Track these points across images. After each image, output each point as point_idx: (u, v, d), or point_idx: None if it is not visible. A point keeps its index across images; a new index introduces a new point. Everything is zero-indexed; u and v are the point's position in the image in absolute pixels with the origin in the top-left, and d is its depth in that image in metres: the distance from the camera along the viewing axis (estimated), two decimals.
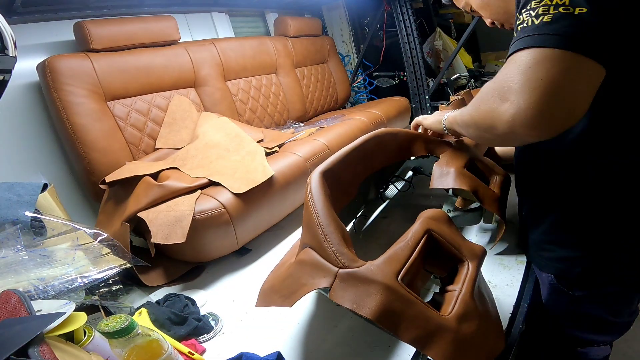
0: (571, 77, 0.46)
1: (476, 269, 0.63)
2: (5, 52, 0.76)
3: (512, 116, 0.49)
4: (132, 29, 1.58)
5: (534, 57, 0.48)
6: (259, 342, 0.83)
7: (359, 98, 3.10)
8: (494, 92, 0.53)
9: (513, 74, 0.49)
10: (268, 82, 2.18)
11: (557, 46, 0.46)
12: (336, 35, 3.01)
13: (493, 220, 1.05)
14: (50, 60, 1.34)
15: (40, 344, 0.51)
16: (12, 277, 0.76)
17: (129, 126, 1.51)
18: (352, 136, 1.76)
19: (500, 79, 0.52)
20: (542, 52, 0.47)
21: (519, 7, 0.53)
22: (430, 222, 0.65)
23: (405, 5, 2.46)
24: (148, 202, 1.13)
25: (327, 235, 0.61)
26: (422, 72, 2.55)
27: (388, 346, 0.75)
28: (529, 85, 0.47)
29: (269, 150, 1.50)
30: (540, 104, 0.47)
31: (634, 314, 0.75)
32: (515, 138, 0.53)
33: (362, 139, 0.89)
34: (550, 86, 0.46)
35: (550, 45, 0.46)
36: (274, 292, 0.69)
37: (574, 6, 0.46)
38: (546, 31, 0.47)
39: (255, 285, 0.80)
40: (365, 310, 0.53)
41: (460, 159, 0.92)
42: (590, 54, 0.46)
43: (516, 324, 0.75)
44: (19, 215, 0.91)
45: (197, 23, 2.14)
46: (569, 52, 0.46)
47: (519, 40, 0.50)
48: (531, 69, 0.47)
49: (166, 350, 0.59)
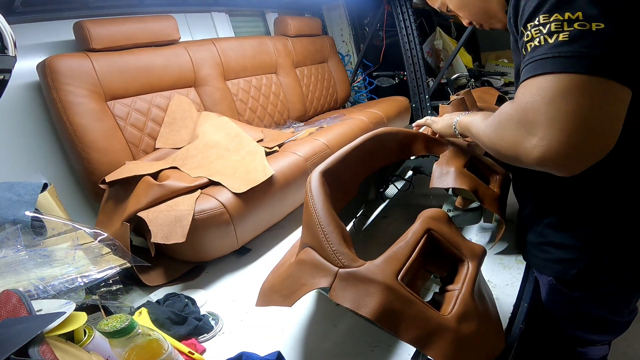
0: (602, 106, 0.42)
1: (476, 269, 0.63)
2: (5, 51, 0.76)
3: (543, 154, 0.45)
4: (132, 28, 1.58)
5: (559, 86, 0.43)
6: (259, 342, 0.83)
7: (359, 98, 3.10)
8: (518, 122, 0.48)
9: (538, 105, 0.45)
10: (268, 82, 2.18)
11: (583, 72, 0.42)
12: (336, 35, 3.01)
13: (493, 219, 1.05)
14: (50, 60, 1.34)
15: (41, 343, 0.51)
16: (12, 276, 0.76)
17: (129, 126, 1.51)
18: (352, 136, 1.76)
19: (523, 107, 0.47)
20: (567, 78, 0.43)
21: (522, 19, 0.49)
22: (430, 221, 0.65)
23: (405, 5, 2.46)
24: (148, 201, 1.13)
25: (327, 235, 0.61)
26: (422, 71, 2.55)
27: (388, 346, 0.75)
28: (559, 119, 0.43)
29: (269, 150, 1.50)
30: (574, 141, 0.43)
31: (633, 313, 0.75)
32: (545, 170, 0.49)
33: (362, 138, 0.89)
34: (582, 119, 0.42)
35: (575, 71, 0.42)
36: (274, 292, 0.69)
37: (590, 21, 0.42)
38: (566, 53, 0.43)
39: (255, 285, 0.80)
40: (365, 310, 0.53)
41: (460, 158, 0.92)
42: (618, 78, 0.42)
43: (516, 323, 0.75)
44: (19, 215, 0.91)
45: (197, 23, 2.14)
46: (597, 78, 0.41)
47: (535, 63, 0.46)
48: (558, 100, 0.43)
49: (166, 349, 0.59)
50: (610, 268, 0.64)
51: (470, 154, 0.95)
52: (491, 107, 1.36)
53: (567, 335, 0.80)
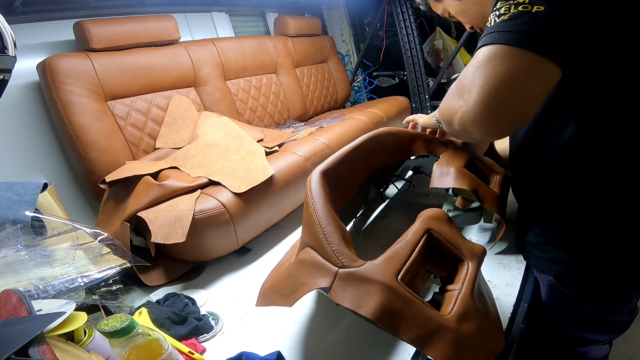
0: (521, 76, 0.45)
1: (476, 269, 0.63)
2: (5, 51, 0.76)
3: (463, 113, 0.49)
4: (132, 28, 1.58)
5: (486, 54, 0.47)
6: (259, 342, 0.83)
7: (359, 97, 3.10)
8: (455, 88, 0.54)
9: (468, 71, 0.49)
10: (268, 82, 2.18)
11: (509, 43, 0.45)
12: (336, 35, 3.01)
13: (493, 219, 1.05)
14: (50, 60, 1.34)
15: (41, 343, 0.51)
16: (12, 276, 0.76)
17: (129, 126, 1.51)
18: (352, 136, 1.76)
19: (460, 77, 0.52)
20: (495, 49, 0.46)
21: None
22: (430, 221, 0.65)
23: (405, 5, 2.46)
24: (148, 201, 1.13)
25: (327, 235, 0.61)
26: (422, 71, 2.55)
27: (388, 346, 0.75)
28: (479, 82, 0.46)
29: (269, 150, 1.50)
30: (487, 102, 0.46)
31: (633, 312, 0.75)
32: (468, 136, 0.53)
33: (362, 138, 0.89)
34: (497, 84, 0.45)
35: (501, 42, 0.46)
36: (274, 292, 0.69)
37: (532, 4, 0.45)
38: (502, 28, 0.46)
39: (255, 285, 0.80)
40: (365, 310, 0.53)
41: (461, 158, 0.92)
42: (544, 53, 0.44)
43: (516, 323, 0.75)
44: (19, 214, 0.91)
45: (197, 23, 2.14)
46: (521, 50, 0.44)
47: (481, 39, 0.50)
48: (483, 66, 0.47)
49: (166, 349, 0.59)
50: (609, 268, 0.64)
51: (470, 154, 0.95)
52: None
53: (568, 335, 0.80)
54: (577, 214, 0.65)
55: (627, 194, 0.60)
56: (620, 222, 0.62)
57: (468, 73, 0.49)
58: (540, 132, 0.65)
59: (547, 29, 0.44)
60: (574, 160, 0.62)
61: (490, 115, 0.46)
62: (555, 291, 0.73)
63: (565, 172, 0.64)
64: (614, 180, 0.60)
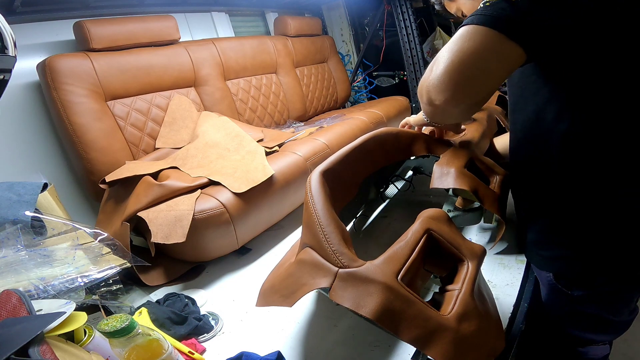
0: (485, 52, 0.49)
1: (476, 269, 0.63)
2: (5, 51, 0.76)
3: (430, 82, 0.55)
4: (132, 28, 1.58)
5: (460, 33, 0.52)
6: (259, 342, 0.83)
7: (359, 97, 3.10)
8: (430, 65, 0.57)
9: (442, 48, 0.54)
10: (268, 82, 2.18)
11: (480, 23, 0.49)
12: (336, 35, 3.01)
13: (493, 220, 1.05)
14: (50, 60, 1.34)
15: (41, 343, 0.52)
16: (12, 276, 0.76)
17: (129, 126, 1.51)
18: (352, 136, 1.76)
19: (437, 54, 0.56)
20: (468, 28, 0.51)
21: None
22: (430, 221, 0.65)
23: (405, 5, 2.46)
24: (148, 201, 1.13)
25: (327, 235, 0.61)
26: (422, 71, 2.55)
27: (388, 345, 0.75)
28: (447, 55, 0.51)
29: (269, 150, 1.50)
30: (450, 72, 0.50)
31: (633, 312, 0.75)
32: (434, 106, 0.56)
33: (363, 138, 0.89)
34: (462, 56, 0.49)
35: (476, 22, 0.50)
36: (274, 292, 0.69)
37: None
38: (480, 12, 0.51)
39: (255, 285, 0.80)
40: (365, 310, 0.53)
41: (461, 158, 0.92)
42: (510, 34, 0.48)
43: (516, 323, 0.75)
44: (19, 214, 0.91)
45: (197, 22, 2.14)
46: (488, 29, 0.48)
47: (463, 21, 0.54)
48: (453, 42, 0.52)
49: (166, 349, 0.59)
50: (609, 267, 0.64)
51: (470, 154, 0.95)
52: (492, 107, 1.36)
53: (568, 335, 0.80)
54: (577, 212, 0.65)
55: (627, 194, 0.60)
56: (620, 222, 0.61)
57: (442, 50, 0.54)
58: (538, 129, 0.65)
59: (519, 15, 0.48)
60: (570, 159, 0.62)
61: (451, 83, 0.51)
62: (555, 291, 0.73)
63: (564, 170, 0.64)
64: (613, 180, 0.60)
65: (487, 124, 1.13)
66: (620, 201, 0.60)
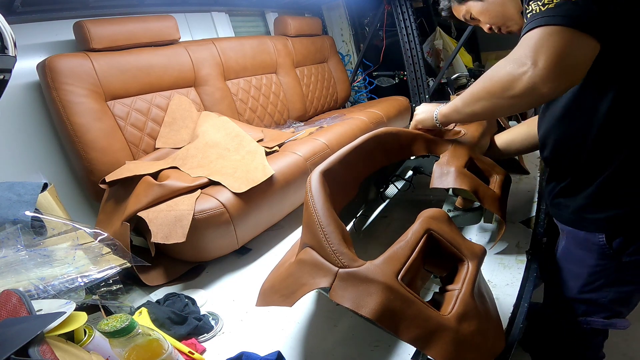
0: (571, 46, 0.60)
1: (476, 269, 0.63)
2: (5, 51, 0.76)
3: (532, 76, 0.62)
4: (132, 28, 1.58)
5: (544, 33, 0.61)
6: (259, 342, 0.83)
7: (359, 97, 3.10)
8: (510, 62, 0.65)
9: (527, 48, 0.62)
10: (268, 82, 2.18)
11: (559, 24, 0.59)
12: (336, 35, 3.01)
13: (493, 220, 1.05)
14: (50, 60, 1.34)
15: (41, 343, 0.51)
16: (12, 276, 0.76)
17: (129, 126, 1.51)
18: (352, 136, 1.76)
19: (514, 53, 0.65)
20: (550, 28, 0.60)
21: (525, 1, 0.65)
22: (430, 221, 0.65)
23: (405, 5, 2.46)
24: (148, 201, 1.13)
25: (327, 235, 0.61)
26: (422, 71, 2.55)
27: (388, 345, 0.75)
28: (543, 52, 0.60)
29: (269, 150, 1.50)
30: (553, 64, 0.60)
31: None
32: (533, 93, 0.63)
33: (363, 138, 0.89)
34: (558, 52, 0.60)
35: (555, 24, 0.59)
36: (274, 292, 0.69)
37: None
38: (551, 14, 0.60)
39: (256, 285, 0.80)
40: (366, 310, 0.53)
41: (461, 158, 0.92)
42: (584, 30, 0.59)
43: (516, 323, 0.76)
44: (19, 214, 0.91)
45: (197, 22, 2.14)
46: (568, 28, 0.59)
47: (530, 23, 0.62)
48: (542, 41, 0.61)
49: (166, 349, 0.59)
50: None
51: (470, 154, 0.95)
52: None
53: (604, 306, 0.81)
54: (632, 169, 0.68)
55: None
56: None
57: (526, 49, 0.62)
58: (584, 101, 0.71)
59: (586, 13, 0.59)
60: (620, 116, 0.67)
61: (555, 73, 0.61)
62: (604, 257, 0.75)
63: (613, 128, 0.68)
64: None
65: (487, 123, 1.13)
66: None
